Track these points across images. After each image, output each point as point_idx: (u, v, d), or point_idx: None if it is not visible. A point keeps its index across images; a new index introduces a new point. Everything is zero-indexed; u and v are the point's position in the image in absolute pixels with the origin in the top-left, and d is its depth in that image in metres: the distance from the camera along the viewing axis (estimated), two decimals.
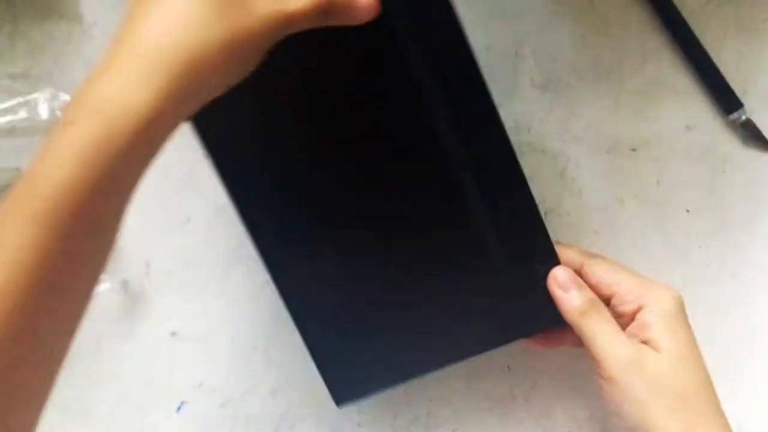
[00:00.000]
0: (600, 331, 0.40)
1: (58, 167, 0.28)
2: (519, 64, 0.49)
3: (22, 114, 0.48)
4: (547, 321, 0.44)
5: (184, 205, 0.49)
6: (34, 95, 0.48)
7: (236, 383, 0.49)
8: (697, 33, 0.48)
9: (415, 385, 0.47)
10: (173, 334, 0.49)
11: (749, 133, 0.48)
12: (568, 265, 0.43)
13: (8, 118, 0.48)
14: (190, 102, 0.30)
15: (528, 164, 0.49)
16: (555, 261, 0.44)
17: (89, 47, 0.49)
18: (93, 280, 0.30)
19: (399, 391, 0.49)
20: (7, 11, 0.49)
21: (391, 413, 0.49)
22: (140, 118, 0.28)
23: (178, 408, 0.49)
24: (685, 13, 0.48)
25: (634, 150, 0.49)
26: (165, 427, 0.49)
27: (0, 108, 0.48)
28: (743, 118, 0.48)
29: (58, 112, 0.48)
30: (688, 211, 0.49)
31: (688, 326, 0.41)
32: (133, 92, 0.28)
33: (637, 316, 0.41)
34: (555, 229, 0.48)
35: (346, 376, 0.44)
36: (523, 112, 0.49)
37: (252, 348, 0.49)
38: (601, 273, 0.42)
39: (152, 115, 0.29)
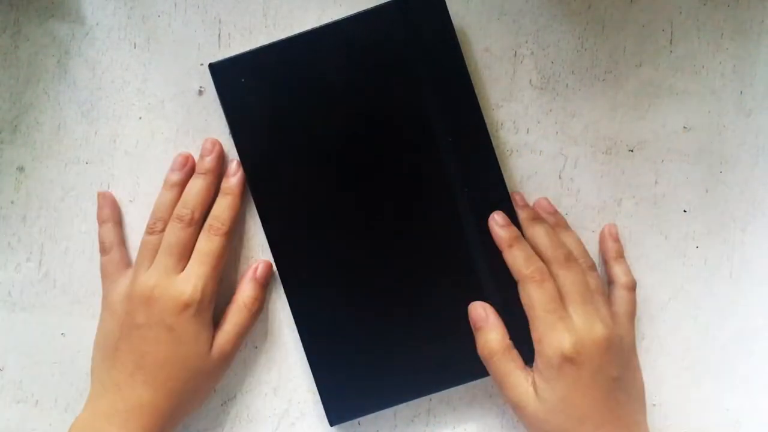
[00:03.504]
0: (506, 373, 0.44)
1: None
2: (518, 65, 0.49)
3: None
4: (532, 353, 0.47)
5: None
6: None
7: (237, 382, 0.49)
8: (694, 34, 0.49)
9: None
10: None
11: None
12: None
13: None
14: (171, 430, 0.46)
15: (526, 165, 0.49)
16: None
17: (92, 48, 0.49)
18: None
19: None
20: (10, 13, 0.49)
21: (391, 411, 0.49)
22: None
23: None
24: (683, 15, 0.49)
25: (631, 150, 0.49)
26: None
27: None
28: None
29: None
30: (685, 211, 0.49)
31: (572, 374, 0.43)
32: None
33: (536, 351, 0.44)
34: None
35: (342, 400, 0.47)
36: (522, 112, 0.49)
37: (253, 347, 0.49)
38: (522, 300, 0.45)
39: None
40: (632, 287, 0.48)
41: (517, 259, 0.45)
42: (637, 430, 0.44)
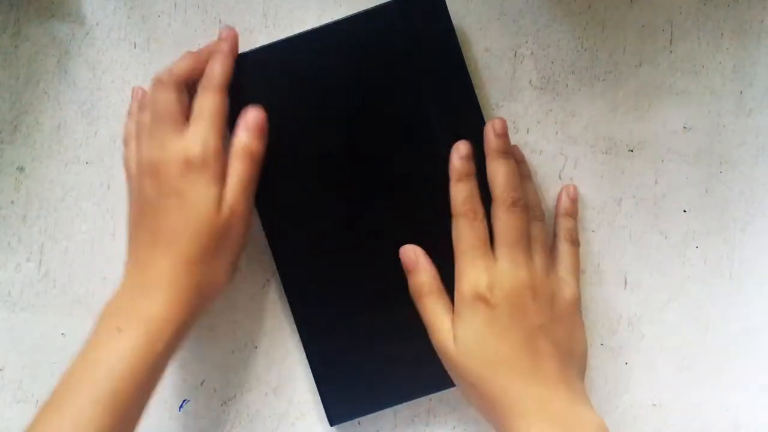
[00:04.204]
0: (432, 314, 0.44)
1: (117, 362, 0.40)
2: (518, 65, 0.49)
3: None
4: None
5: None
6: None
7: (237, 382, 0.50)
8: (694, 34, 0.49)
9: None
10: None
11: None
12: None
13: None
14: (202, 306, 0.44)
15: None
16: None
17: (92, 48, 0.49)
18: (135, 425, 0.42)
19: None
20: (10, 13, 0.49)
21: (391, 410, 0.49)
22: (174, 327, 0.42)
23: (180, 406, 0.50)
24: (682, 15, 0.49)
25: (631, 150, 0.49)
26: (167, 425, 0.50)
27: None
28: None
29: None
30: (685, 211, 0.49)
31: (486, 314, 0.42)
32: (166, 309, 0.42)
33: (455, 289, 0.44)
34: (552, 228, 0.49)
35: (342, 400, 0.47)
36: (522, 112, 0.49)
37: (253, 347, 0.49)
38: (452, 236, 0.45)
39: (181, 323, 0.42)
40: (574, 241, 0.47)
41: (459, 194, 0.44)
42: (564, 386, 0.42)
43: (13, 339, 0.50)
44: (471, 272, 0.43)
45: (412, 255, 0.45)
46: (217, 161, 0.43)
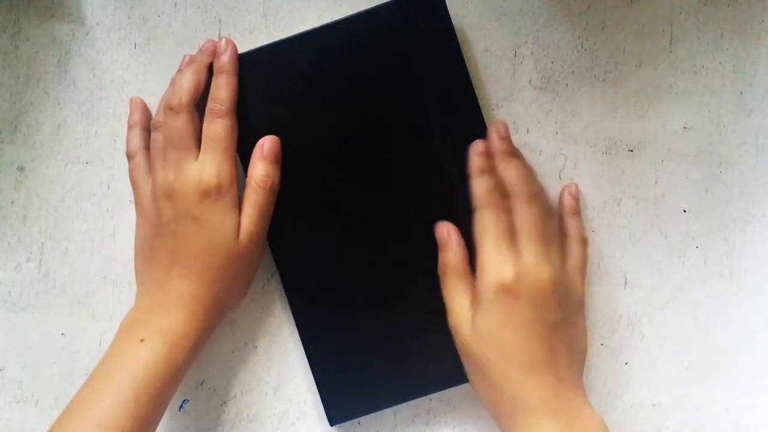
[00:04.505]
0: (452, 294, 0.45)
1: (140, 369, 0.42)
2: (518, 65, 0.49)
3: None
4: None
5: None
6: None
7: (237, 382, 0.50)
8: (694, 34, 0.49)
9: None
10: None
11: None
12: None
13: None
14: (218, 320, 0.47)
15: None
16: None
17: (92, 48, 0.49)
18: (155, 429, 0.44)
19: None
20: (10, 13, 0.49)
21: (391, 411, 0.49)
22: (193, 340, 0.44)
23: (180, 406, 0.50)
24: (683, 15, 0.49)
25: (631, 150, 0.49)
26: (167, 425, 0.50)
27: None
28: None
29: None
30: (685, 211, 0.49)
31: (508, 306, 0.42)
32: (186, 324, 0.44)
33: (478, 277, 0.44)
34: None
35: (342, 400, 0.47)
36: (522, 112, 0.49)
37: (253, 347, 0.49)
38: (475, 226, 0.45)
39: (200, 336, 0.45)
40: (584, 241, 0.47)
41: (482, 186, 0.45)
42: (570, 383, 0.42)
43: (13, 339, 0.50)
44: (497, 262, 0.43)
45: (445, 232, 0.46)
46: (232, 188, 0.45)
